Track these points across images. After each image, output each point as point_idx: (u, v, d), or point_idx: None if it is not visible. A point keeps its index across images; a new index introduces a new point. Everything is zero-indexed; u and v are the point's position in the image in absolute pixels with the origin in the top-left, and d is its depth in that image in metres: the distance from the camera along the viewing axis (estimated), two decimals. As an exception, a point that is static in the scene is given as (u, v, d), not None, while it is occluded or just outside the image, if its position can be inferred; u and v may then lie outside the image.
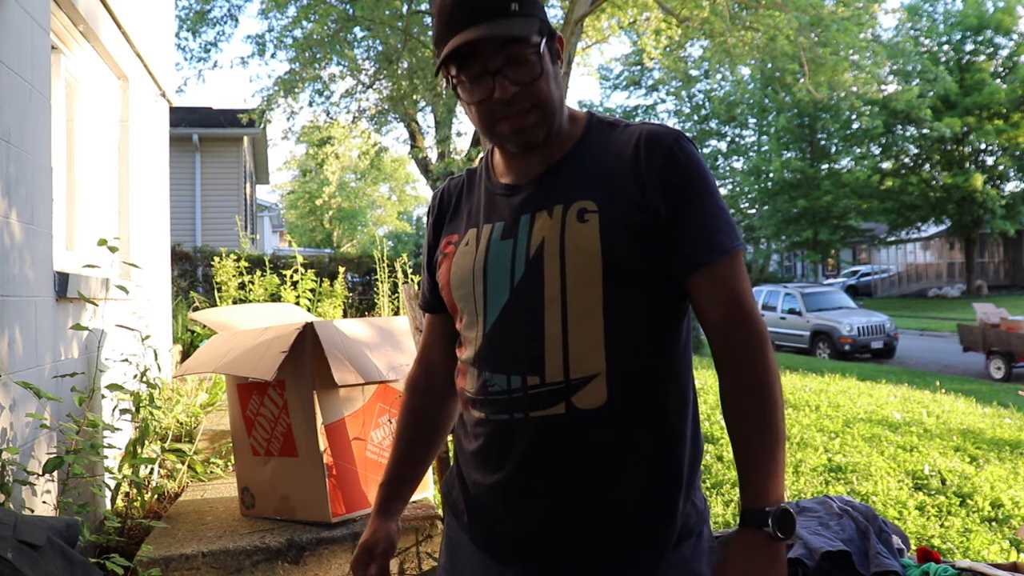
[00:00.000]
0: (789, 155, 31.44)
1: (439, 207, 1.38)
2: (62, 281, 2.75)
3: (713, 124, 33.80)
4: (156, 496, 3.25)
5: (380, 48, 13.21)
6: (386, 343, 2.75)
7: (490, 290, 1.19)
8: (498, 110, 1.17)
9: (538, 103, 1.17)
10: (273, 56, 14.85)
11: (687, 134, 1.21)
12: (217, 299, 5.98)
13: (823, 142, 31.88)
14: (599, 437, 1.14)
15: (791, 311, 17.36)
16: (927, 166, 30.21)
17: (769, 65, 14.47)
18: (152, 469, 3.26)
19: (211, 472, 3.50)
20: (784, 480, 1.17)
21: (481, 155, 1.33)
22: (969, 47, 28.04)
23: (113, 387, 2.83)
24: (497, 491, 1.22)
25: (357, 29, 13.02)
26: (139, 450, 2.97)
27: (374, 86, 13.82)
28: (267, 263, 7.32)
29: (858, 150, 31.00)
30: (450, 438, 1.52)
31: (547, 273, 1.15)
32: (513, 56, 1.15)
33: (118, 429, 2.80)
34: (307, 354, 2.56)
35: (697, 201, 1.16)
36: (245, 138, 14.88)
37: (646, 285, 1.16)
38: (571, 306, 1.14)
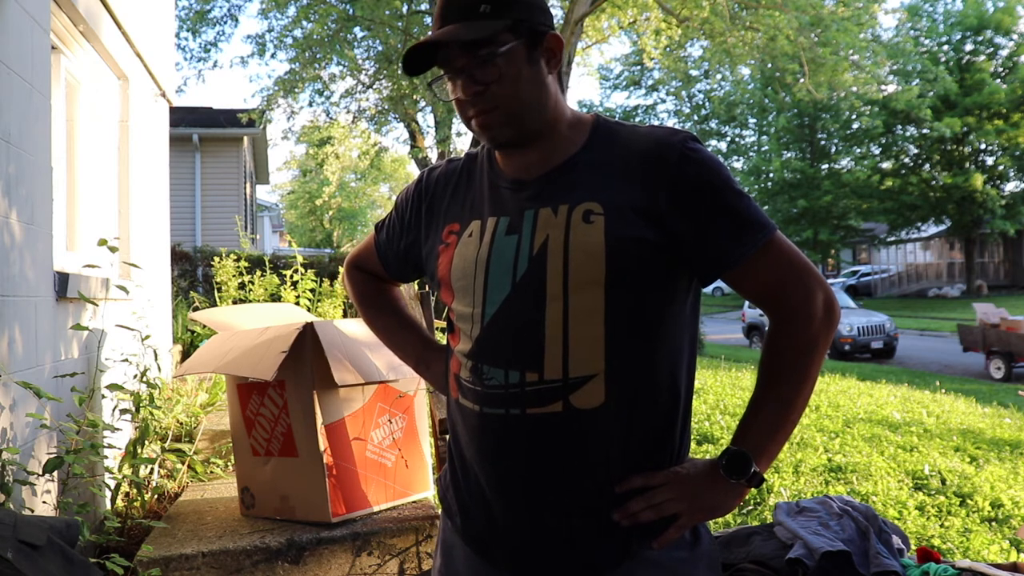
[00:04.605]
0: (789, 155, 31.46)
1: (434, 190, 1.36)
2: (62, 281, 2.74)
3: (713, 124, 33.79)
4: (156, 496, 3.25)
5: (380, 48, 13.21)
6: (386, 343, 2.74)
7: (491, 283, 1.19)
8: (467, 108, 1.20)
9: (500, 104, 1.18)
10: (273, 56, 14.85)
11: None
12: (217, 299, 5.97)
13: (823, 142, 31.89)
14: (594, 437, 1.15)
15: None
16: (927, 166, 30.21)
17: (769, 65, 14.46)
18: (152, 469, 3.26)
19: (211, 472, 3.50)
20: (776, 454, 1.21)
21: (482, 145, 1.32)
22: (969, 47, 28.05)
23: (113, 387, 2.83)
24: (490, 486, 1.22)
25: (357, 29, 13.02)
26: (139, 450, 2.97)
27: (374, 86, 13.82)
28: (267, 263, 7.32)
29: (858, 150, 31.02)
30: (432, 441, 1.52)
31: (550, 271, 1.15)
32: (477, 57, 1.17)
33: (118, 429, 2.80)
34: (307, 354, 2.56)
35: (720, 199, 1.16)
36: (245, 138, 14.88)
37: (649, 289, 1.16)
38: (572, 305, 1.14)
